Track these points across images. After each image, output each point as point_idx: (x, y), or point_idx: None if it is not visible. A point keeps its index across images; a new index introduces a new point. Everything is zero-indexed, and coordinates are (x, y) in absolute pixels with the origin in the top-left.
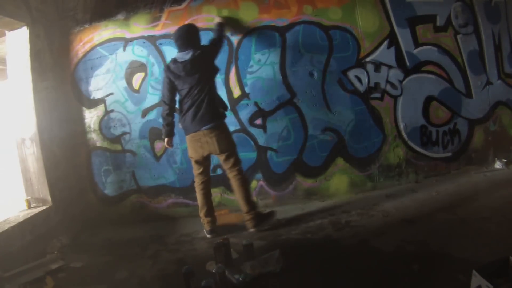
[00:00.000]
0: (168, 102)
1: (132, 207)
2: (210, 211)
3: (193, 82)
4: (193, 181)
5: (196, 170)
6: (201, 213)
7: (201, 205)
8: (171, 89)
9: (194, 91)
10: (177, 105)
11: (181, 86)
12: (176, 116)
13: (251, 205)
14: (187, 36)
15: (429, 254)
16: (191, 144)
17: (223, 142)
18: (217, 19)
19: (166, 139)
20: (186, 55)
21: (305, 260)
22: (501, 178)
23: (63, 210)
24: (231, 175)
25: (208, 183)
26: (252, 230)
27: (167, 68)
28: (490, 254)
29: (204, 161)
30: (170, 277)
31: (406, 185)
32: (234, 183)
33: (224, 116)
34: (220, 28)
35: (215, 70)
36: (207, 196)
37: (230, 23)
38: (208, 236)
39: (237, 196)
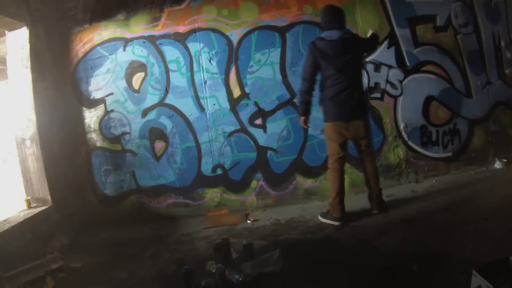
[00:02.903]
0: (309, 80)
1: (132, 207)
2: (343, 198)
3: (341, 65)
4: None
5: (336, 154)
6: (336, 199)
7: (337, 190)
8: (314, 67)
9: (342, 76)
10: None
11: (326, 67)
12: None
13: (380, 190)
14: (336, 13)
15: (429, 254)
16: (336, 128)
17: (368, 127)
18: (371, 32)
19: (302, 118)
20: (334, 34)
21: (305, 260)
22: (501, 178)
23: (63, 210)
24: (369, 159)
25: (344, 168)
26: (376, 212)
27: (313, 46)
28: (490, 254)
29: (345, 145)
30: (170, 277)
31: (406, 185)
32: (371, 167)
33: (371, 108)
34: (375, 37)
35: (362, 63)
36: (343, 181)
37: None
38: (335, 223)
39: (371, 181)
